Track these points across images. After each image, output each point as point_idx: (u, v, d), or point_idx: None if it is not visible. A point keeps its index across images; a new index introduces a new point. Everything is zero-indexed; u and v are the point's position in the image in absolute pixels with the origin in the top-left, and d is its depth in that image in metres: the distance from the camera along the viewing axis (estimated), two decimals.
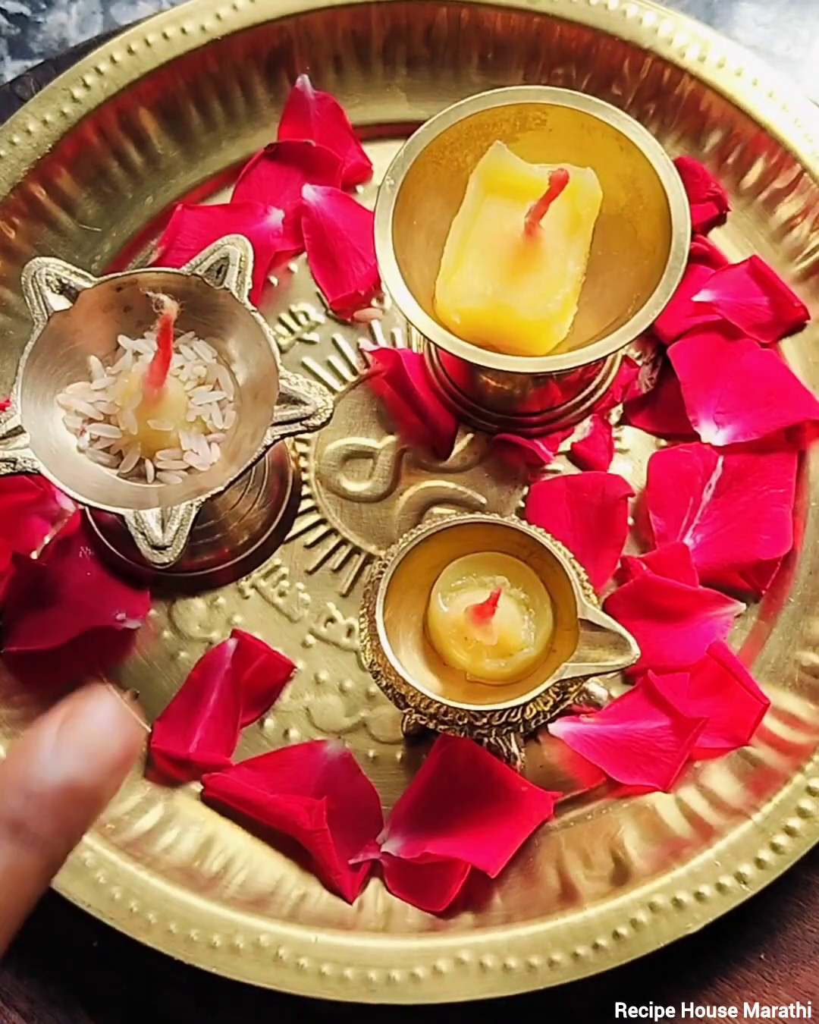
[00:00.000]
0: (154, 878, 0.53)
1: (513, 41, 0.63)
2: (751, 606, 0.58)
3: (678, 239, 0.52)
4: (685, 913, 0.51)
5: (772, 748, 0.55)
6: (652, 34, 0.62)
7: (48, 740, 0.34)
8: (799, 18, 0.68)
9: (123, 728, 0.35)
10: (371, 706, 0.58)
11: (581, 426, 0.61)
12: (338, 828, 0.54)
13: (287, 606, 0.59)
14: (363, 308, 0.63)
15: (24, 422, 0.49)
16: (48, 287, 0.50)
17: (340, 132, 0.64)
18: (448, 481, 0.61)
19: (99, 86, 0.62)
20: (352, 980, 0.51)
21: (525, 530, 0.51)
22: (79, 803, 0.34)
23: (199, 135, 0.64)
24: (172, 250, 0.62)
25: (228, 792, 0.56)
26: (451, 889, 0.53)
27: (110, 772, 0.34)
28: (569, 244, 0.53)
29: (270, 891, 0.54)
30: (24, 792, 0.33)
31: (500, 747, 0.55)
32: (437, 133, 0.54)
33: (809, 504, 0.59)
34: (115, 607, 0.58)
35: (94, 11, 0.72)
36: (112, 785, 0.35)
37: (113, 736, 0.35)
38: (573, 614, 0.49)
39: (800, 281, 0.61)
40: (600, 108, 0.53)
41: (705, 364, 0.60)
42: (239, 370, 0.52)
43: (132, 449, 0.51)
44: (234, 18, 0.62)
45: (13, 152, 0.61)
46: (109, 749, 0.34)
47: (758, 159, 0.62)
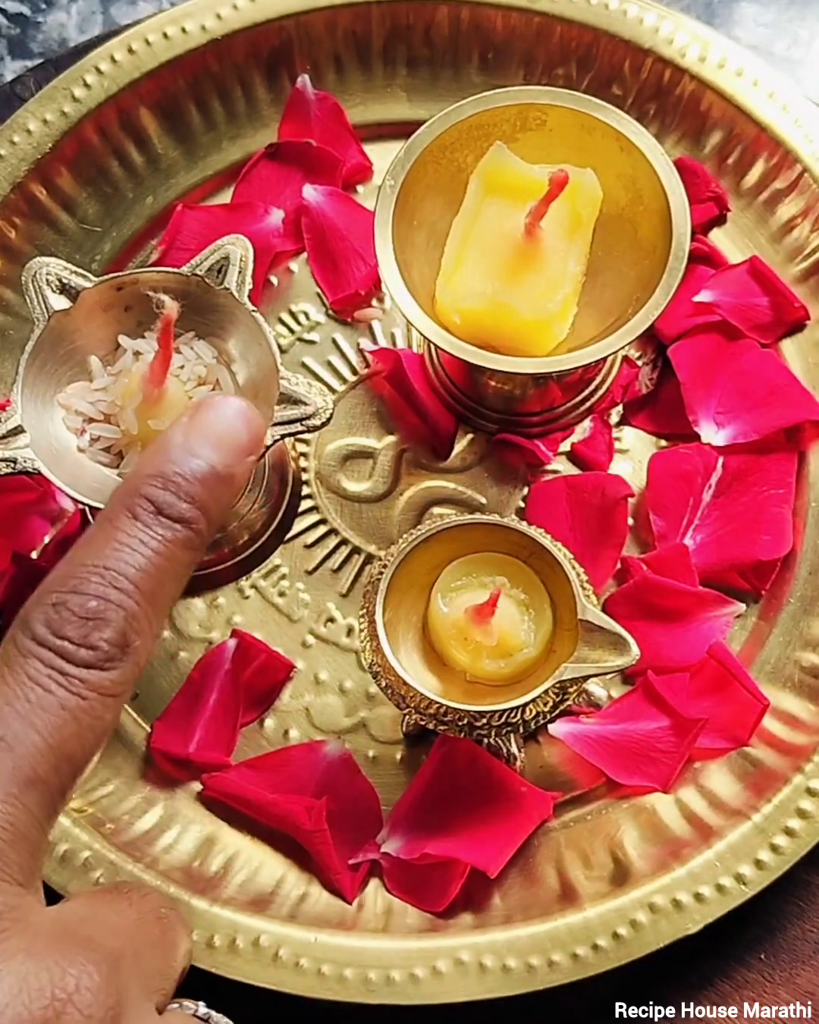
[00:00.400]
0: (153, 878, 0.53)
1: (513, 41, 0.63)
2: (751, 607, 0.58)
3: (678, 239, 0.52)
4: (684, 914, 0.51)
5: (772, 749, 0.55)
6: (653, 34, 0.62)
7: (178, 435, 0.38)
8: (799, 18, 0.68)
9: (248, 416, 0.39)
10: (371, 706, 0.58)
11: (581, 426, 0.61)
12: (337, 828, 0.54)
13: (287, 606, 0.59)
14: (363, 308, 0.63)
15: (24, 422, 0.49)
16: (48, 286, 0.50)
17: (340, 132, 0.64)
18: (448, 481, 0.61)
19: (99, 85, 0.62)
20: (351, 980, 0.51)
21: (525, 530, 0.51)
22: (215, 485, 0.37)
23: (199, 135, 0.64)
24: (172, 250, 0.62)
25: (228, 792, 0.56)
26: (450, 889, 0.53)
27: (240, 455, 0.38)
28: (569, 244, 0.53)
29: (269, 891, 0.54)
30: (162, 479, 0.37)
31: (500, 747, 0.55)
32: (437, 133, 0.54)
33: (809, 504, 0.59)
34: None
35: (94, 11, 0.72)
36: (244, 469, 0.38)
37: (238, 423, 0.38)
38: (573, 614, 0.49)
39: (800, 281, 0.61)
40: (600, 108, 0.53)
41: (705, 364, 0.60)
42: (239, 370, 0.52)
43: (132, 449, 0.51)
44: (234, 18, 0.62)
45: (13, 151, 0.61)
46: (237, 436, 0.38)
47: (758, 159, 0.62)
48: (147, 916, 0.37)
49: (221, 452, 0.38)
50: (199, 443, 0.37)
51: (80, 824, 0.54)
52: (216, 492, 0.37)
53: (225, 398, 0.40)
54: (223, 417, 0.38)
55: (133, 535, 0.36)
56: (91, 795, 0.55)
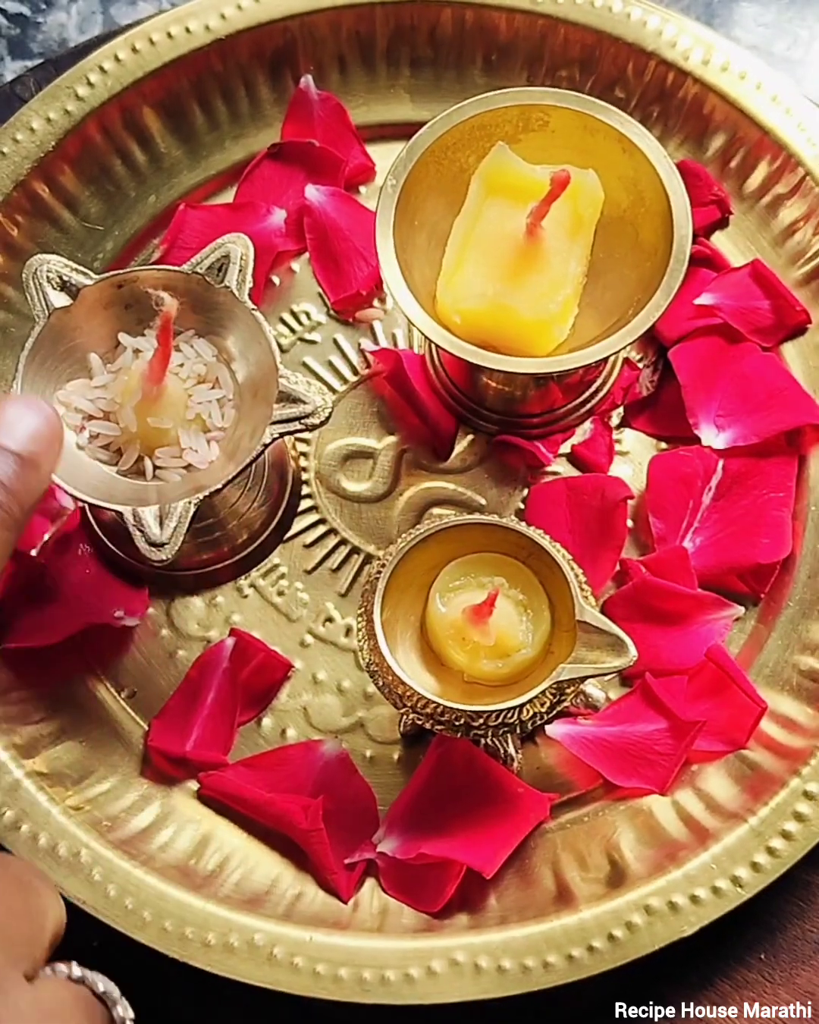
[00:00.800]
0: (149, 876, 0.53)
1: (517, 43, 0.63)
2: (750, 610, 0.58)
3: (680, 242, 0.52)
4: (680, 916, 0.51)
5: (769, 752, 0.55)
6: (656, 37, 0.62)
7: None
8: (799, 18, 0.68)
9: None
10: (368, 706, 0.58)
11: (581, 428, 0.61)
12: (334, 828, 0.54)
13: (286, 605, 0.59)
14: (365, 308, 0.63)
15: None
16: (49, 284, 0.50)
17: (343, 132, 0.64)
18: (448, 482, 0.61)
19: (103, 84, 0.62)
20: (346, 980, 0.51)
21: (524, 531, 0.51)
22: (21, 470, 0.41)
23: (202, 134, 0.64)
24: (174, 249, 0.62)
25: (224, 791, 0.56)
26: (446, 890, 0.53)
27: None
28: (571, 245, 0.54)
29: (265, 890, 0.54)
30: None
31: (497, 748, 0.55)
32: (439, 134, 0.54)
33: (809, 508, 0.59)
34: (113, 605, 0.58)
35: (94, 11, 0.72)
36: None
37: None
38: (571, 616, 0.49)
39: (802, 285, 0.61)
40: (603, 110, 0.53)
41: (706, 367, 0.60)
42: (239, 368, 0.52)
43: (131, 446, 0.51)
44: (238, 18, 0.63)
45: (16, 150, 0.61)
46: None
47: (761, 163, 0.62)
48: (8, 886, 0.37)
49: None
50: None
51: (76, 822, 0.54)
52: (24, 476, 0.41)
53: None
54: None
55: None
56: (88, 793, 0.55)
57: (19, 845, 0.53)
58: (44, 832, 0.53)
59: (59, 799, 0.54)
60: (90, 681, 0.58)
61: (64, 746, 0.56)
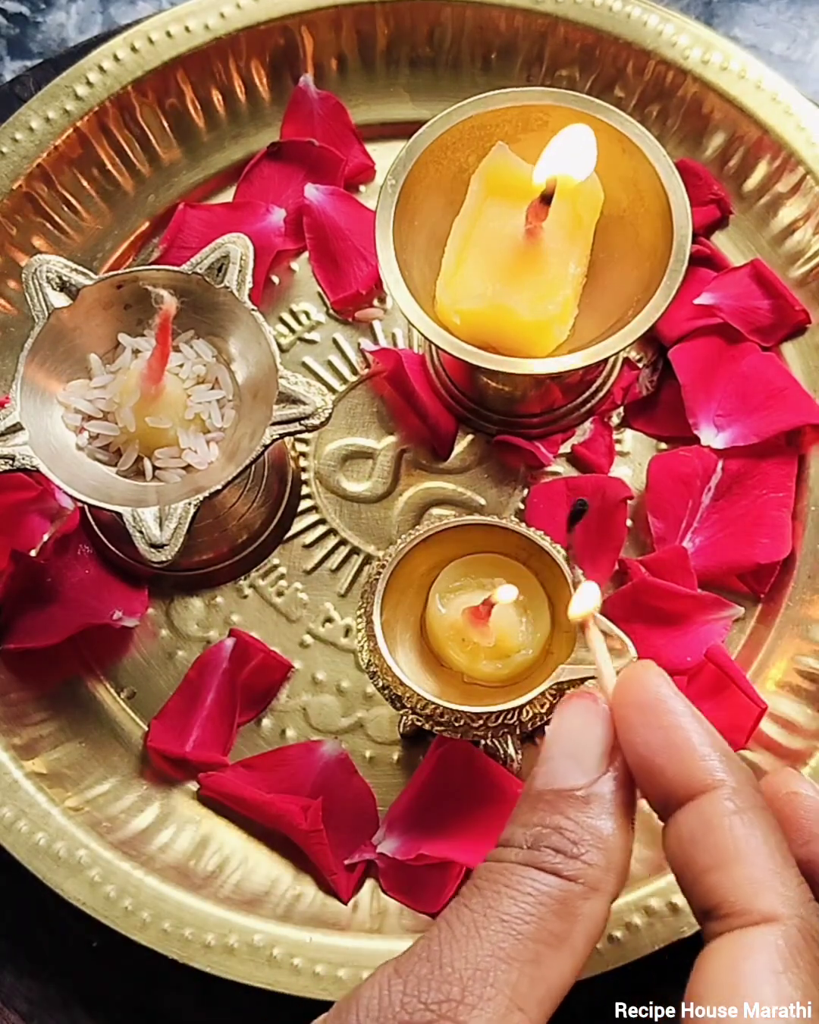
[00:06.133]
0: (149, 877, 0.53)
1: (517, 42, 0.63)
2: (749, 610, 0.58)
3: (679, 241, 0.52)
4: (680, 917, 0.51)
5: (769, 752, 0.55)
6: (656, 36, 0.61)
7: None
8: (799, 18, 0.68)
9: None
10: (368, 707, 0.58)
11: (581, 428, 0.61)
12: (334, 828, 0.54)
13: (285, 606, 0.59)
14: (364, 308, 0.63)
15: (23, 419, 0.49)
16: (49, 284, 0.50)
17: (343, 132, 0.64)
18: (448, 482, 0.61)
19: (102, 84, 0.62)
20: (346, 981, 0.51)
21: (524, 532, 0.51)
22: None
23: (202, 134, 0.64)
24: (174, 248, 0.62)
25: (224, 791, 0.56)
26: (446, 890, 0.53)
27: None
28: (570, 246, 0.53)
29: (265, 891, 0.54)
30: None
31: (497, 749, 0.55)
32: (439, 133, 0.54)
33: (808, 508, 0.59)
34: (113, 605, 0.58)
35: (94, 11, 0.72)
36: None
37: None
38: None
39: (802, 285, 0.61)
40: (602, 110, 0.53)
41: (706, 367, 0.60)
42: (238, 369, 0.52)
43: (130, 447, 0.51)
44: (238, 16, 0.62)
45: (16, 149, 0.61)
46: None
47: (761, 162, 0.61)
48: None
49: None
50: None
51: (76, 822, 0.53)
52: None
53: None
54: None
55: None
56: (87, 793, 0.55)
57: (18, 846, 0.53)
58: (43, 833, 0.53)
59: (58, 800, 0.54)
60: (90, 681, 0.58)
61: (64, 747, 0.56)
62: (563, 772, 0.36)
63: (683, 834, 0.34)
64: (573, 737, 0.36)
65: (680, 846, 0.34)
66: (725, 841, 0.33)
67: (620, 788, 0.36)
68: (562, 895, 0.34)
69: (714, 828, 0.33)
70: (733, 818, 0.33)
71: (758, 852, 0.33)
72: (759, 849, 0.33)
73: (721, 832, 0.33)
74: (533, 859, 0.34)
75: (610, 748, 0.36)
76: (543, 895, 0.33)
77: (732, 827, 0.33)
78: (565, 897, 0.34)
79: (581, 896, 0.34)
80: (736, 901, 0.32)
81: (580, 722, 0.36)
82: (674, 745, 0.35)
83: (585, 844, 0.34)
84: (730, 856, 0.32)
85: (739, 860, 0.32)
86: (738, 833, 0.33)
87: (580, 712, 0.37)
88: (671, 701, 0.35)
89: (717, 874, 0.33)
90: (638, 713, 0.35)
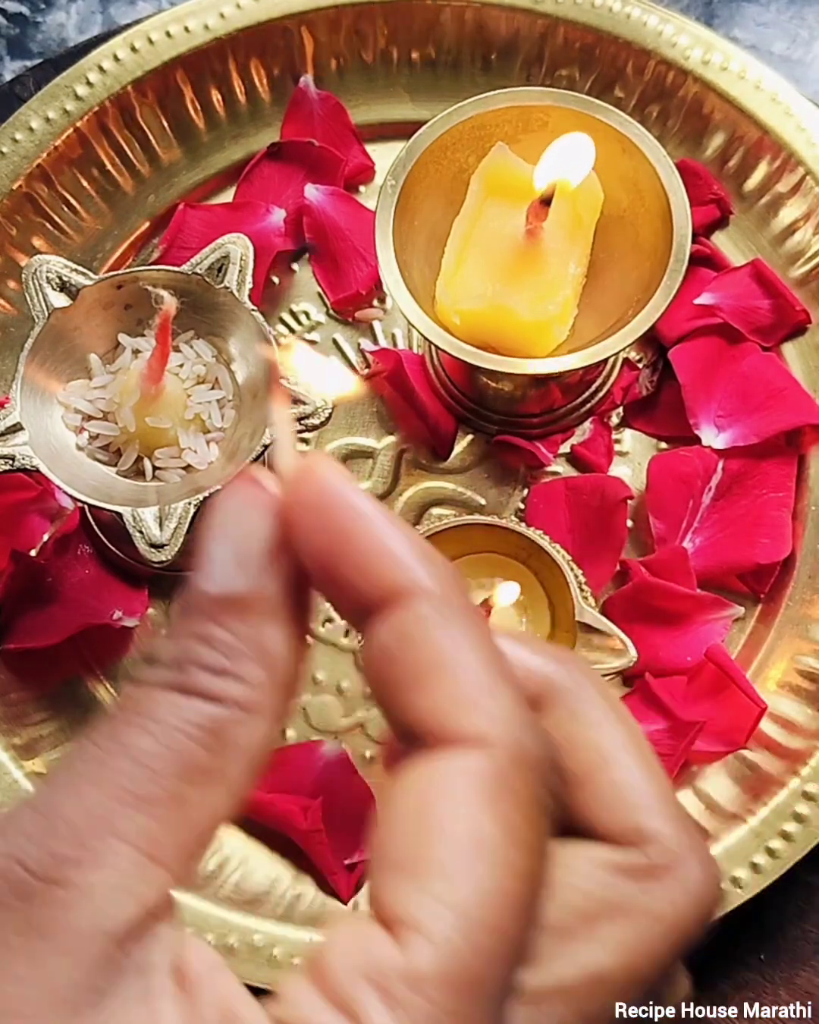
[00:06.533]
0: None
1: (517, 42, 0.63)
2: (749, 610, 0.58)
3: (679, 241, 0.52)
4: None
5: (769, 752, 0.55)
6: (656, 36, 0.61)
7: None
8: (799, 18, 0.68)
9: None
10: (368, 707, 0.58)
11: (581, 428, 0.61)
12: (334, 828, 0.54)
13: None
14: (364, 308, 0.63)
15: (23, 419, 0.49)
16: (49, 284, 0.50)
17: (343, 132, 0.64)
18: (447, 482, 0.61)
19: (102, 84, 0.62)
20: None
21: (524, 532, 0.51)
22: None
23: (202, 134, 0.64)
24: (174, 248, 0.62)
25: None
26: None
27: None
28: (570, 246, 0.53)
29: (265, 891, 0.54)
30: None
31: None
32: (439, 133, 0.54)
33: (809, 508, 0.59)
34: (113, 605, 0.58)
35: (93, 11, 0.72)
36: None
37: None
38: (571, 616, 0.49)
39: (802, 285, 0.61)
40: (602, 110, 0.53)
41: (706, 367, 0.60)
42: (239, 369, 0.52)
43: (130, 446, 0.51)
44: (238, 16, 0.62)
45: (15, 149, 0.61)
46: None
47: (761, 162, 0.61)
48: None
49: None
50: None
51: None
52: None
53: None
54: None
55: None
56: None
57: None
58: None
59: None
60: (90, 681, 0.58)
61: (64, 747, 0.56)
62: (220, 575, 0.29)
63: (377, 651, 0.28)
64: (234, 533, 0.29)
65: (375, 665, 0.28)
66: (425, 655, 0.27)
67: (290, 592, 0.30)
68: (210, 722, 0.27)
69: (413, 641, 0.27)
70: (435, 630, 0.27)
71: (465, 666, 0.27)
72: (466, 663, 0.27)
73: (420, 645, 0.27)
74: (176, 680, 0.27)
75: (278, 546, 0.29)
76: (186, 723, 0.27)
77: (434, 639, 0.27)
78: (214, 725, 0.27)
79: (235, 721, 0.27)
80: (434, 722, 0.26)
81: (242, 516, 0.29)
82: (359, 552, 0.28)
83: (242, 658, 0.28)
84: (431, 671, 0.27)
85: (442, 676, 0.27)
86: (441, 645, 0.27)
87: (242, 504, 0.29)
88: (352, 498, 0.28)
89: (415, 693, 0.27)
90: (313, 515, 0.28)
